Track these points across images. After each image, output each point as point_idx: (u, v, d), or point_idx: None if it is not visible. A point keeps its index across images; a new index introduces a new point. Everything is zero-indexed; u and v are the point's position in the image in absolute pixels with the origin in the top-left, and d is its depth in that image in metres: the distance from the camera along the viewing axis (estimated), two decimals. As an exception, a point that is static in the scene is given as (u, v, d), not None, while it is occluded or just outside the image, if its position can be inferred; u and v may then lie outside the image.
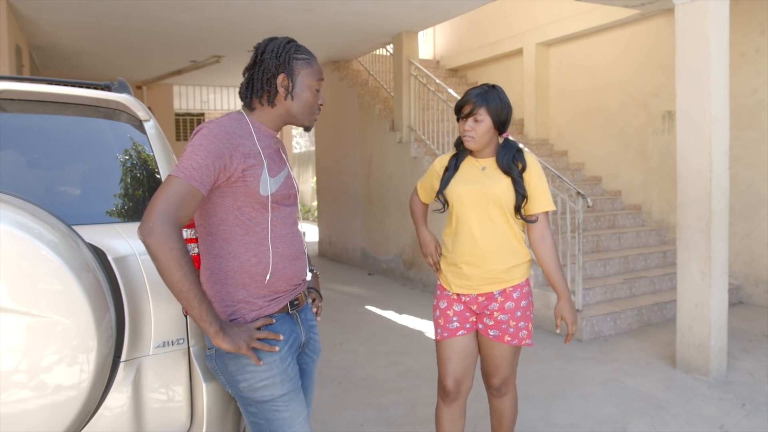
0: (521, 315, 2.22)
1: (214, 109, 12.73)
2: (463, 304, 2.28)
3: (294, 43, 1.69)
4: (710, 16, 3.69)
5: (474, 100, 2.15)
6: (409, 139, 7.01)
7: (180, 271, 1.42)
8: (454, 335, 2.27)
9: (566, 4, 6.95)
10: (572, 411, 3.34)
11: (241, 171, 1.56)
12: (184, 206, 1.46)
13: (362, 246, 8.27)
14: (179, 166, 1.49)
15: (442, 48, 9.80)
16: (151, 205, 1.44)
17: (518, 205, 2.18)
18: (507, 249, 2.20)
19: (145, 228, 1.42)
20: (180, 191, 1.46)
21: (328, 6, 5.71)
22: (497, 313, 2.21)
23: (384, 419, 3.28)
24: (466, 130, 2.17)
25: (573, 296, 4.83)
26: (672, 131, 6.20)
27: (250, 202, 1.60)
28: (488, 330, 2.23)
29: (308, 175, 16.61)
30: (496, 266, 2.19)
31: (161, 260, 1.41)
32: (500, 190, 2.17)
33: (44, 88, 1.86)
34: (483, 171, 2.22)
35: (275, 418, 1.63)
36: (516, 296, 2.22)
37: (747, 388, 3.62)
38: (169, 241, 1.41)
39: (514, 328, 2.21)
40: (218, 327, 1.50)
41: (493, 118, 2.15)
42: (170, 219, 1.43)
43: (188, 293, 1.44)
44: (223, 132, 1.55)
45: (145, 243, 1.42)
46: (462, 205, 2.22)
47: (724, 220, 3.81)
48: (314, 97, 1.71)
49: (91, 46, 7.21)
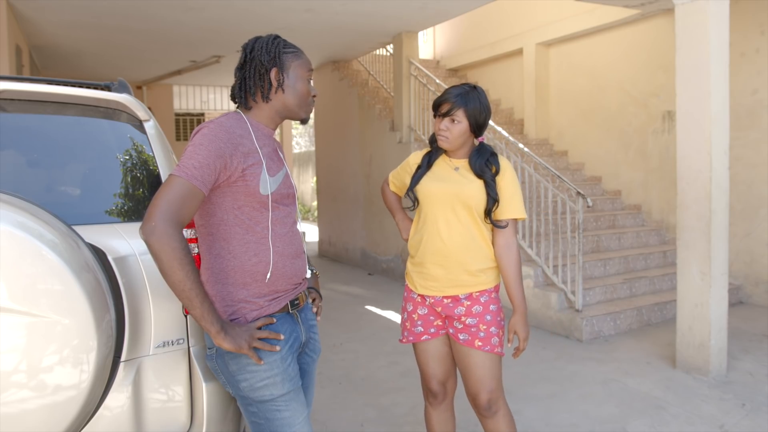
0: (491, 320, 2.14)
1: (214, 109, 12.73)
2: (427, 307, 2.21)
3: (280, 38, 1.71)
4: (710, 16, 3.69)
5: (453, 100, 2.09)
6: (409, 139, 7.01)
7: (182, 271, 1.42)
8: (418, 339, 2.24)
9: (566, 4, 6.95)
10: (572, 411, 3.34)
11: (241, 170, 1.57)
12: (186, 205, 1.46)
13: (362, 246, 8.27)
14: (180, 165, 1.49)
15: (442, 48, 9.80)
16: (153, 205, 1.44)
17: (489, 209, 2.12)
18: (475, 251, 2.14)
19: (146, 227, 1.41)
20: (182, 190, 1.46)
21: (328, 6, 5.71)
22: (465, 317, 2.14)
23: (384, 419, 3.28)
24: (441, 129, 2.12)
25: (573, 296, 4.84)
26: (672, 131, 6.20)
27: (249, 202, 1.60)
28: (458, 334, 2.16)
29: (308, 175, 16.60)
30: (461, 268, 2.13)
31: (163, 260, 1.41)
32: (471, 191, 2.12)
33: (44, 88, 1.86)
34: (456, 171, 2.17)
35: (275, 417, 1.63)
36: (483, 300, 2.15)
37: (747, 388, 3.62)
38: (171, 241, 1.41)
39: (485, 333, 2.12)
40: (219, 327, 1.50)
41: (470, 120, 2.10)
42: (172, 218, 1.42)
43: (190, 293, 1.44)
44: (224, 131, 1.56)
45: (147, 242, 1.42)
46: (431, 204, 2.16)
47: (724, 220, 3.80)
48: (307, 88, 1.73)
49: (91, 46, 7.21)
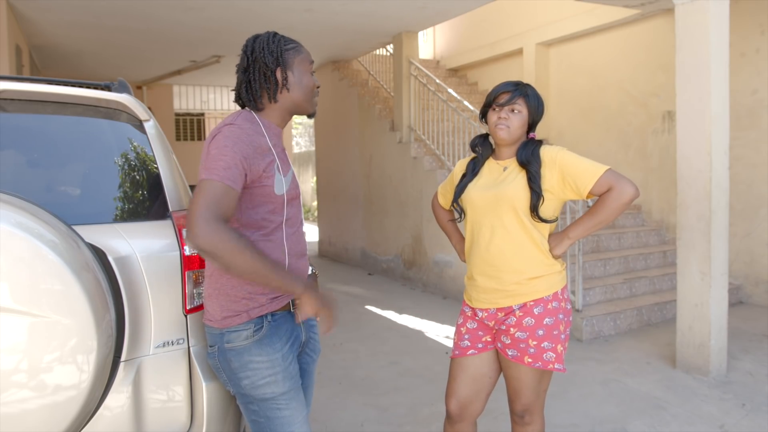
0: (544, 334, 1.95)
1: (214, 109, 12.72)
2: (477, 321, 2.09)
3: (279, 35, 1.71)
4: (710, 16, 3.69)
5: (512, 89, 2.00)
6: (409, 139, 7.01)
7: (241, 257, 1.41)
8: (464, 354, 2.10)
9: (566, 4, 6.95)
10: (572, 411, 3.34)
11: (261, 171, 1.57)
12: (224, 203, 1.45)
13: (362, 246, 8.27)
14: (209, 169, 1.47)
15: (442, 48, 9.80)
16: (190, 212, 1.42)
17: (534, 204, 1.95)
18: (523, 258, 1.98)
19: (191, 235, 1.40)
20: (216, 191, 1.44)
21: (328, 6, 5.71)
22: (514, 330, 1.97)
23: (384, 419, 3.28)
24: (501, 118, 1.99)
25: (573, 296, 4.84)
26: (672, 131, 6.20)
27: (264, 202, 1.61)
28: (506, 349, 2.00)
29: (308, 175, 16.61)
30: (509, 277, 1.98)
31: (220, 256, 1.40)
32: (513, 190, 1.96)
33: (44, 88, 1.86)
34: (504, 172, 2.04)
35: (276, 416, 1.63)
36: (537, 312, 1.96)
37: (747, 388, 3.62)
38: (218, 234, 1.39)
39: (536, 349, 1.95)
40: (303, 286, 1.55)
41: (530, 110, 2.01)
42: (212, 216, 1.41)
43: (263, 270, 1.45)
44: (244, 134, 1.55)
45: (197, 248, 1.41)
46: (474, 212, 2.05)
47: (724, 220, 3.80)
48: (312, 81, 1.74)
49: (91, 46, 7.21)
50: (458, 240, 2.34)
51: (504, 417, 3.07)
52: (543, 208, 1.97)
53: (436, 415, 3.25)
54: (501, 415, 3.14)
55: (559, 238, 2.05)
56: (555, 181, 1.97)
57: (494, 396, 2.35)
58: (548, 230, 2.05)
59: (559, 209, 2.06)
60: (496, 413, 3.16)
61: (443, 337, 4.83)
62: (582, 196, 1.98)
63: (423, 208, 6.67)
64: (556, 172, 1.97)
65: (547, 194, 1.97)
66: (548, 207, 1.99)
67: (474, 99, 8.28)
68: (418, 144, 6.89)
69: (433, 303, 6.09)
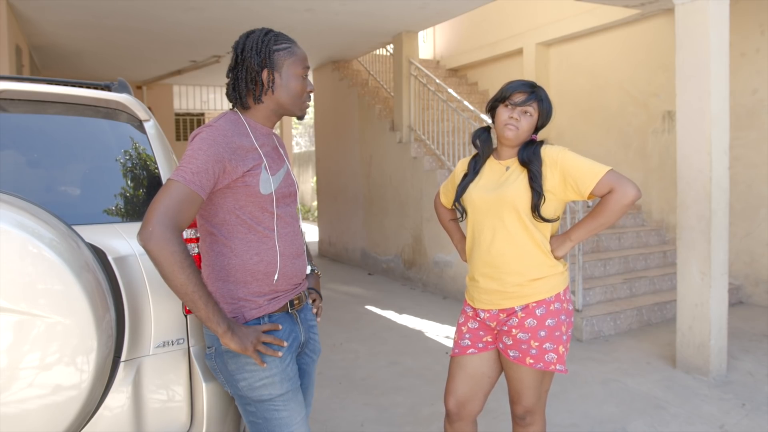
0: (546, 335, 1.95)
1: (214, 109, 12.73)
2: (479, 321, 2.09)
3: (272, 33, 1.66)
4: (710, 16, 3.69)
5: (530, 90, 1.97)
6: (409, 139, 7.01)
7: (183, 274, 1.41)
8: (464, 353, 2.10)
9: (566, 4, 6.95)
10: (572, 411, 3.34)
11: (241, 173, 1.56)
12: (184, 210, 1.45)
13: (362, 246, 8.27)
14: (178, 170, 1.48)
15: (442, 48, 9.80)
16: (151, 210, 1.43)
17: (535, 204, 1.93)
18: (524, 260, 1.98)
19: (144, 233, 1.41)
20: (180, 195, 1.45)
21: (328, 6, 5.71)
22: (516, 331, 1.97)
23: (384, 419, 3.28)
24: (512, 118, 1.96)
25: (573, 296, 4.84)
26: (672, 131, 6.20)
27: (251, 202, 1.60)
28: (508, 350, 2.00)
29: (308, 175, 16.60)
30: (511, 278, 1.98)
31: (163, 265, 1.41)
32: (514, 190, 1.96)
33: (44, 88, 1.86)
34: (507, 171, 2.03)
35: (273, 417, 1.63)
36: (539, 313, 1.96)
37: (747, 388, 3.62)
38: (169, 245, 1.40)
39: (537, 350, 1.95)
40: (226, 326, 1.49)
41: (540, 115, 2.00)
42: (170, 223, 1.41)
43: (193, 295, 1.43)
44: (222, 136, 1.54)
45: (145, 248, 1.41)
46: (475, 213, 2.05)
47: (724, 220, 3.80)
48: (302, 85, 1.68)
49: (91, 46, 7.21)
50: (459, 240, 2.34)
51: (504, 417, 3.07)
52: (544, 207, 1.96)
53: (436, 415, 3.25)
54: (501, 415, 3.15)
55: (561, 240, 2.05)
56: (556, 181, 1.97)
57: (494, 396, 2.35)
58: (550, 231, 2.04)
59: (561, 209, 2.06)
60: (497, 413, 3.16)
61: (443, 337, 4.83)
62: (583, 197, 1.98)
63: (423, 208, 6.67)
64: (558, 172, 1.96)
65: (548, 194, 1.97)
66: (549, 207, 1.99)
67: (474, 99, 8.28)
68: (418, 144, 6.89)
69: (433, 303, 6.09)
